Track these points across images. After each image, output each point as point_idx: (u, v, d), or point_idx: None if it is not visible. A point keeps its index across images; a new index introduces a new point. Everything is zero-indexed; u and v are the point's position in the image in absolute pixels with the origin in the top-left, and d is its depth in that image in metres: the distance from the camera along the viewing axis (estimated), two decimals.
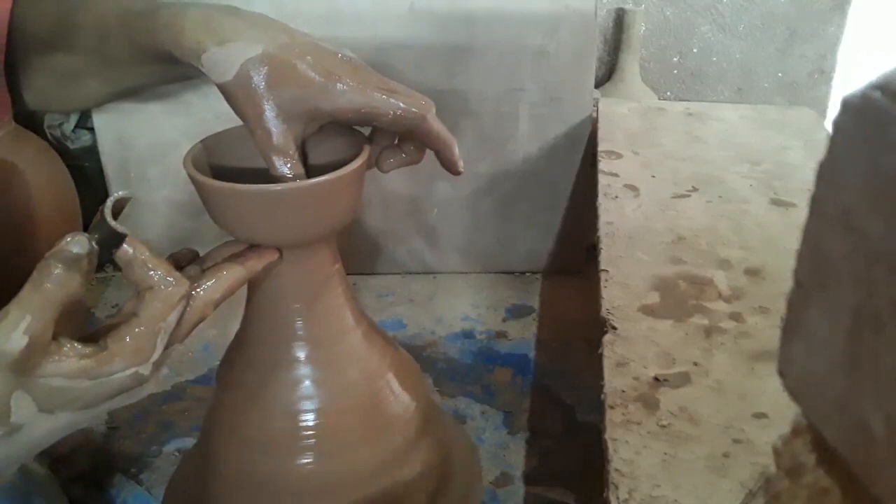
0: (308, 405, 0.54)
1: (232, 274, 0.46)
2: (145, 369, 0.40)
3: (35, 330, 0.36)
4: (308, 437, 0.53)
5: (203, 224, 0.55)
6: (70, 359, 0.37)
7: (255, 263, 0.48)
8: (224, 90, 0.48)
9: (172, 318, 0.41)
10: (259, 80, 0.46)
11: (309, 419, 0.53)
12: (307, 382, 0.54)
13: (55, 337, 0.37)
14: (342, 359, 0.55)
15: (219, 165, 0.52)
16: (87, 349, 0.38)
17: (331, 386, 0.54)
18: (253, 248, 0.49)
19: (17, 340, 0.35)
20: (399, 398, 0.57)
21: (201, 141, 0.52)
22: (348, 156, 0.50)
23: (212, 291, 0.44)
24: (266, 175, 0.55)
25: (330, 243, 0.54)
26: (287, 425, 0.54)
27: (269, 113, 0.47)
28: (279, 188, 0.48)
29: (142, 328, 0.39)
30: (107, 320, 0.42)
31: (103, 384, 0.38)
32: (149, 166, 0.98)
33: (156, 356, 0.40)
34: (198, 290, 0.44)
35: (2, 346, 0.35)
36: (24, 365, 0.36)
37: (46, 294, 0.36)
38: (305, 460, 0.54)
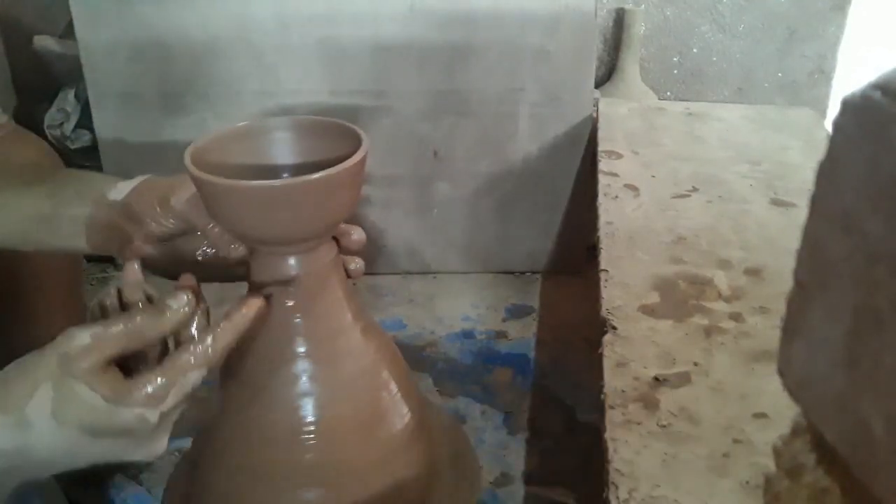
0: (307, 400, 0.54)
1: (224, 334, 0.46)
2: (152, 415, 0.42)
3: (98, 340, 0.41)
4: (307, 430, 0.54)
5: None
6: (103, 377, 0.41)
7: (243, 318, 0.48)
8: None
9: (193, 376, 0.44)
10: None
11: (308, 413, 0.54)
12: (306, 378, 0.54)
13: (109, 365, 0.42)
14: (340, 355, 0.55)
15: (218, 163, 0.52)
16: (118, 379, 0.42)
17: (329, 381, 0.55)
18: (238, 303, 0.48)
19: (81, 339, 0.41)
20: (394, 394, 0.58)
21: (201, 138, 0.53)
22: (346, 152, 0.50)
23: (210, 357, 0.45)
24: (266, 172, 0.55)
25: (328, 239, 0.54)
26: (287, 419, 0.54)
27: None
28: (278, 184, 0.48)
29: (163, 377, 0.42)
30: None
31: (113, 413, 0.41)
32: (149, 166, 0.98)
33: (166, 406, 0.43)
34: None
35: (70, 335, 0.41)
36: (70, 363, 0.40)
37: (126, 328, 0.42)
38: (305, 453, 0.54)
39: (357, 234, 0.56)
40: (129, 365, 0.43)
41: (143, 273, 0.48)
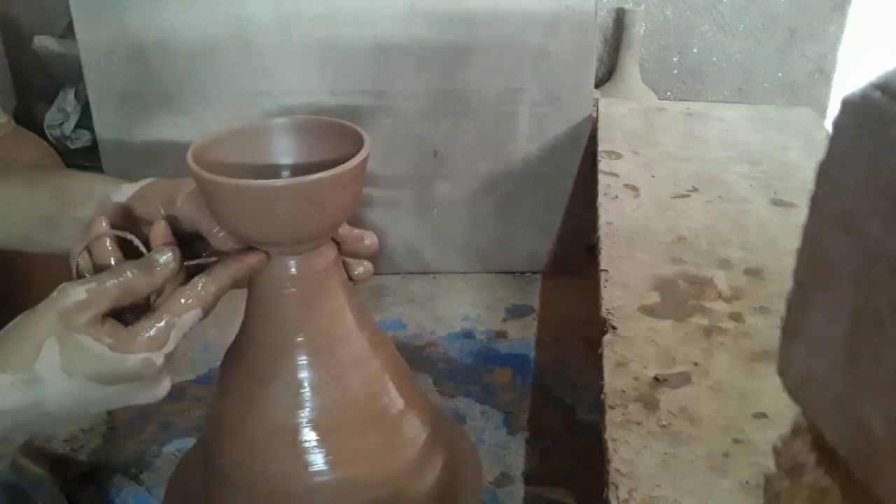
0: (308, 400, 0.54)
1: (219, 276, 0.49)
2: (157, 357, 0.45)
3: (94, 295, 0.43)
4: (308, 430, 0.54)
5: None
6: (103, 328, 0.43)
7: (239, 264, 0.50)
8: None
9: (188, 317, 0.46)
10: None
11: (309, 413, 0.54)
12: (306, 378, 0.54)
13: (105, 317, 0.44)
14: (341, 355, 0.55)
15: (219, 163, 0.52)
16: (119, 328, 0.44)
17: (330, 382, 0.54)
18: (242, 251, 0.51)
19: (77, 294, 0.42)
20: (394, 395, 0.58)
21: (202, 138, 0.53)
22: (347, 152, 0.50)
23: (204, 297, 0.48)
24: (267, 172, 0.55)
25: (328, 240, 0.54)
26: (288, 419, 0.54)
27: None
28: (280, 184, 0.48)
29: (161, 321, 0.45)
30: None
31: (120, 360, 0.43)
32: (149, 166, 0.98)
33: (168, 348, 0.45)
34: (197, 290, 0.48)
35: (65, 291, 0.42)
36: (71, 317, 0.42)
37: (119, 282, 0.44)
38: (305, 453, 0.54)
39: (370, 240, 0.56)
40: (120, 317, 0.45)
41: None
